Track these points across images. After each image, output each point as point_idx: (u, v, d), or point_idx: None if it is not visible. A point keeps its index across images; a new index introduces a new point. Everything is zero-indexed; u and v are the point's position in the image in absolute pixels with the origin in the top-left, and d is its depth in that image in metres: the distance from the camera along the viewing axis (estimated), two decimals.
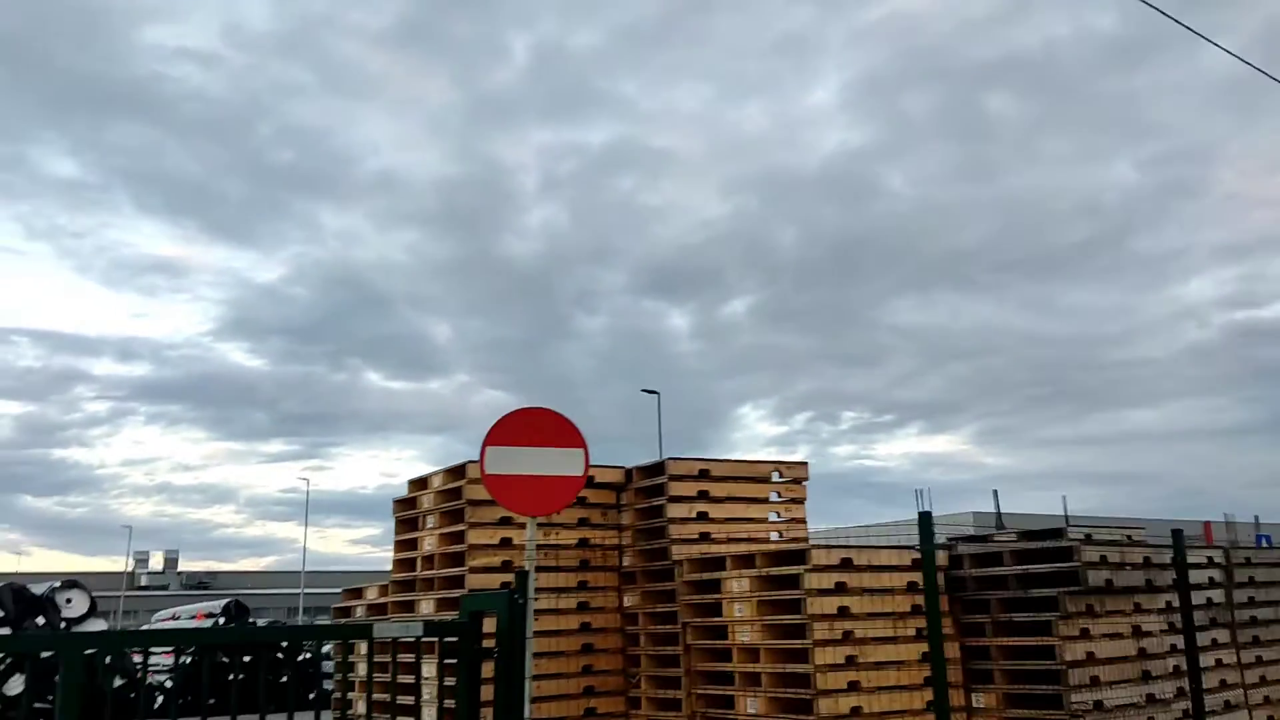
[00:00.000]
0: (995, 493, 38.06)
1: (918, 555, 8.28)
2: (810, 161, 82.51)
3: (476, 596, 7.89)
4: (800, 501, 9.70)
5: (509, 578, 8.78)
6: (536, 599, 8.95)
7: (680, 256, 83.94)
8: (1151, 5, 8.87)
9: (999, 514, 33.09)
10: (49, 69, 77.88)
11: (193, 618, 26.46)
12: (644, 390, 37.16)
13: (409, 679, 7.67)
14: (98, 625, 20.16)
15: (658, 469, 9.21)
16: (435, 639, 5.91)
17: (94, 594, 20.48)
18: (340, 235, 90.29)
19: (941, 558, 8.45)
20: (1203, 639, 8.57)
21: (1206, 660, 8.57)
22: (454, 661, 5.34)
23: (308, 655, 19.37)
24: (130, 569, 70.06)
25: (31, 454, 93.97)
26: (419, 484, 9.72)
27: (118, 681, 17.78)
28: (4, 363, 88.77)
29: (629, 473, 9.57)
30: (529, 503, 7.25)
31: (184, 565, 76.76)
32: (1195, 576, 8.76)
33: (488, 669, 5.31)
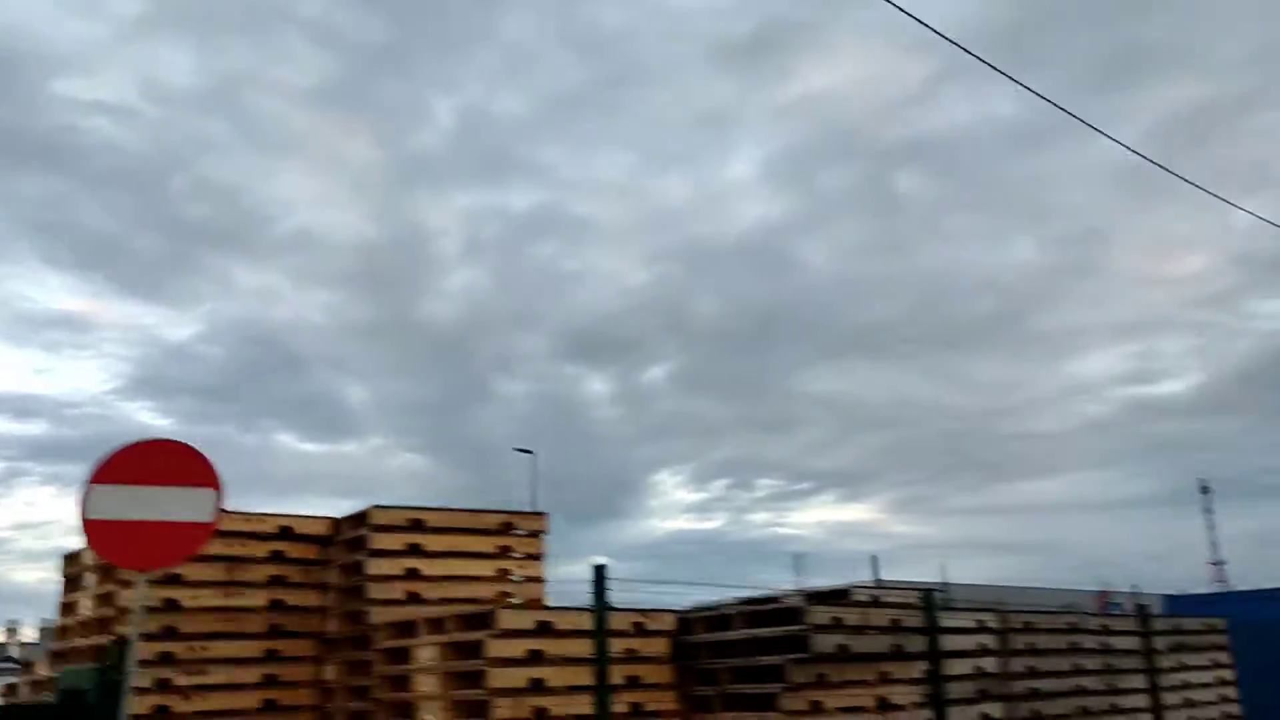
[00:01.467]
0: (874, 558, 37.22)
1: (639, 619, 7.20)
2: (730, 233, 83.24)
3: (72, 672, 6.55)
4: (538, 557, 8.53)
5: (169, 647, 7.45)
6: (207, 672, 7.64)
7: (601, 323, 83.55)
8: (1049, 100, 9.15)
9: (878, 581, 32.26)
10: None
11: None
12: (516, 449, 35.71)
13: None
14: None
15: (360, 519, 7.98)
16: None
17: None
18: (256, 293, 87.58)
19: (670, 622, 7.36)
20: (969, 714, 7.54)
21: None
22: None
23: None
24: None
25: None
26: None
27: None
28: None
29: (337, 524, 8.32)
30: (139, 554, 5.92)
31: None
32: (963, 643, 7.76)
33: None
